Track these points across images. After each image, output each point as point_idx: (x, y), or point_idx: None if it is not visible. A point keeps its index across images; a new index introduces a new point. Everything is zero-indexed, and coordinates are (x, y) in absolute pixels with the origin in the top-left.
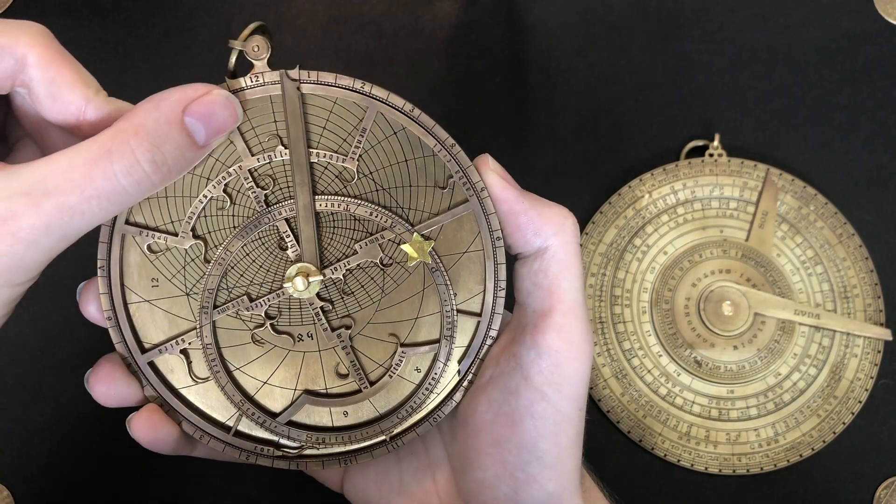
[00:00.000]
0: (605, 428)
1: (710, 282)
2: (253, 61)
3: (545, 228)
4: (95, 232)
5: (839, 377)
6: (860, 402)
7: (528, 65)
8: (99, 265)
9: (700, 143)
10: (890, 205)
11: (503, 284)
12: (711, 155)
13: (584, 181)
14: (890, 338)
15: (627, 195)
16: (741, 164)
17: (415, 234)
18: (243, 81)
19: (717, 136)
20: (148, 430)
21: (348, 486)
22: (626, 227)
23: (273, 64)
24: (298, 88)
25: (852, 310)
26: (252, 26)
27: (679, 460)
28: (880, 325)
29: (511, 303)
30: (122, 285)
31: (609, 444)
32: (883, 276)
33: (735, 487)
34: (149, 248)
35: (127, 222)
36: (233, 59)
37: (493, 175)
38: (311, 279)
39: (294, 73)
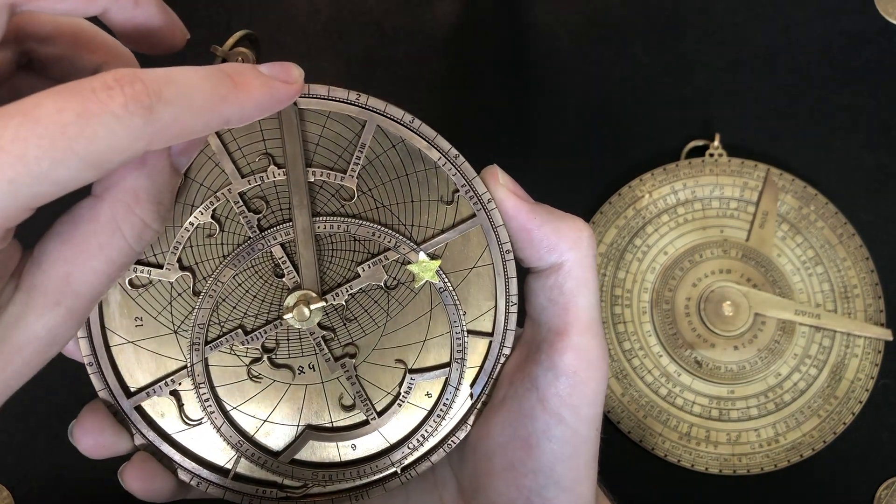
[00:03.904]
0: (606, 428)
1: (711, 282)
2: None
3: (561, 244)
4: None
5: (839, 377)
6: (860, 402)
7: (529, 65)
8: None
9: (700, 143)
10: (890, 205)
11: (515, 299)
12: (711, 155)
13: (584, 181)
14: (890, 338)
15: (627, 195)
16: (741, 164)
17: (420, 253)
18: None
19: (717, 136)
20: (142, 481)
21: None
22: (626, 227)
23: None
24: (295, 104)
25: (853, 310)
26: (239, 34)
27: (679, 460)
28: (881, 325)
29: (522, 316)
30: (103, 327)
31: (609, 444)
32: (883, 277)
33: (735, 488)
34: (130, 283)
35: None
36: None
37: (502, 190)
38: (311, 307)
39: None
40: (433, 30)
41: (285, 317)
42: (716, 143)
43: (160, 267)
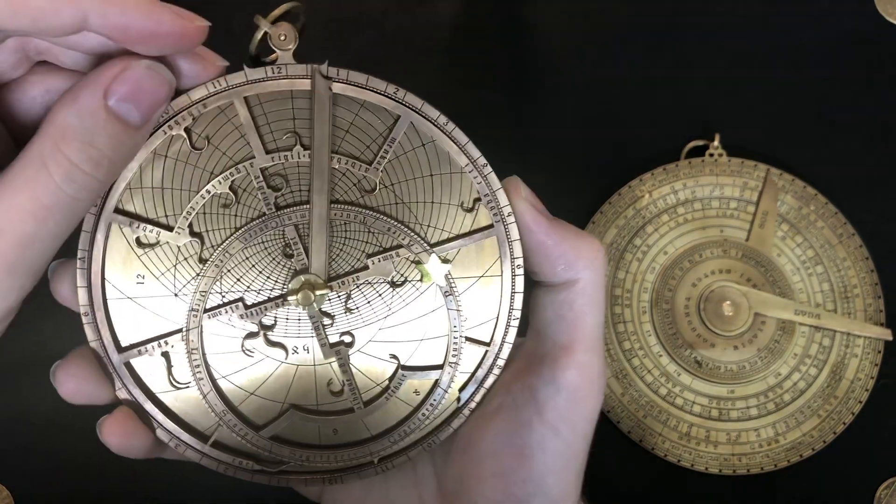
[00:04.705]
0: (606, 428)
1: (711, 282)
2: (277, 50)
3: (578, 262)
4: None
5: (839, 377)
6: (860, 402)
7: (528, 65)
8: (79, 255)
9: (700, 143)
10: (890, 205)
11: (517, 314)
12: (711, 155)
13: (584, 181)
14: (890, 338)
15: (627, 195)
16: (741, 164)
17: (432, 255)
18: (264, 72)
19: (717, 136)
20: (120, 437)
21: (328, 498)
22: (626, 227)
23: (298, 54)
24: (330, 88)
25: (852, 310)
26: (284, 7)
27: (679, 460)
28: (880, 325)
29: (524, 325)
30: (103, 279)
31: (609, 444)
32: (883, 276)
33: (735, 487)
34: (137, 240)
35: (116, 210)
36: (256, 38)
37: (524, 203)
38: (316, 293)
39: (325, 69)
40: (433, 30)
41: (289, 298)
42: (716, 143)
43: (170, 229)
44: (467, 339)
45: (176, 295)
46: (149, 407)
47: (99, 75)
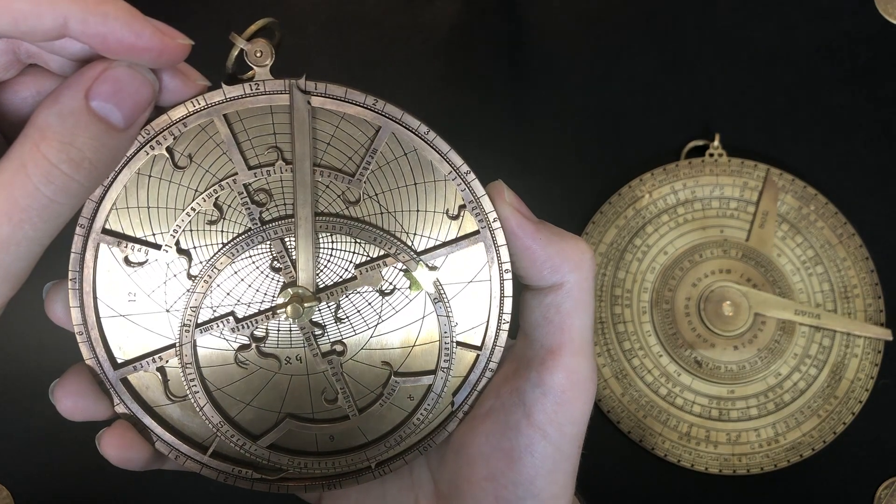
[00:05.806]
0: (605, 428)
1: (711, 282)
2: (254, 67)
3: (563, 265)
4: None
5: (839, 377)
6: (860, 402)
7: (528, 65)
8: (70, 277)
9: (700, 143)
10: (890, 205)
11: (507, 318)
12: (711, 155)
13: (585, 181)
14: (890, 338)
15: (627, 195)
16: (741, 164)
17: (420, 262)
18: (242, 89)
19: (717, 136)
20: (119, 449)
21: (327, 502)
22: (626, 227)
23: (275, 69)
24: (309, 102)
25: (853, 310)
26: (260, 23)
27: (679, 460)
28: (881, 325)
29: (515, 328)
30: (95, 298)
31: (609, 444)
32: (883, 276)
33: (735, 487)
34: (126, 260)
35: (103, 231)
36: (233, 56)
37: (508, 208)
38: (305, 305)
39: (303, 83)
40: (433, 30)
41: (278, 311)
42: (716, 143)
43: (158, 247)
44: (458, 343)
45: (167, 311)
46: (147, 421)
47: (80, 76)
